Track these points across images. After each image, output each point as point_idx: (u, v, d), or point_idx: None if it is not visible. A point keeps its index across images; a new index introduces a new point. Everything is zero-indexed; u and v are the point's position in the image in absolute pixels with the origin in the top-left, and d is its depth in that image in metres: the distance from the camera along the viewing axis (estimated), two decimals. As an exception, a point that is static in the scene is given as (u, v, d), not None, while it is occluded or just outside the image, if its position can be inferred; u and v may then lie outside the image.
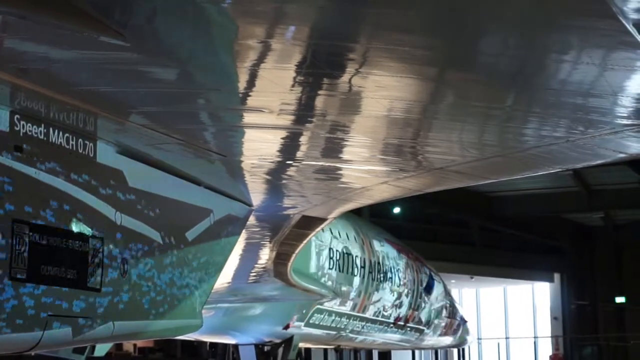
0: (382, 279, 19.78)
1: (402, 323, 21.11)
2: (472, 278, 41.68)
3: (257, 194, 9.93)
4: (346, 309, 18.49)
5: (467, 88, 6.62)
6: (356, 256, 18.51)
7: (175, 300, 8.42)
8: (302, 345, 19.18)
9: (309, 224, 11.33)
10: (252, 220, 10.51)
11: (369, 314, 19.49)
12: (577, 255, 44.32)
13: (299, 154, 8.53)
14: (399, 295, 20.68)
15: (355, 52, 5.89)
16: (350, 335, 19.53)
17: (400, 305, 20.77)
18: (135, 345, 28.48)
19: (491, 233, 41.16)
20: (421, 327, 22.38)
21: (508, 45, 5.76)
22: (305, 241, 12.04)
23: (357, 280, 18.55)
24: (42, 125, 6.57)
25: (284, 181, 9.50)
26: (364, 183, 9.57)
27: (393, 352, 32.14)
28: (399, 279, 20.66)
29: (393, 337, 21.54)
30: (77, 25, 5.36)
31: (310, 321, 17.80)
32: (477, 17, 5.29)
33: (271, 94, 6.64)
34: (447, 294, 24.43)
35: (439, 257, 32.58)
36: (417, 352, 36.86)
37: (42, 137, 6.57)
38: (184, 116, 7.40)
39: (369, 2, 5.20)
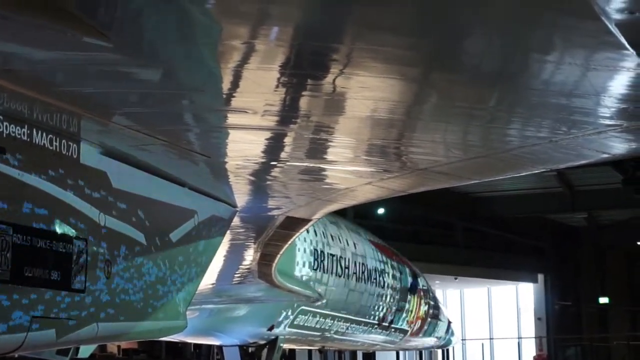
0: (365, 280, 19.78)
1: (386, 324, 21.12)
2: (456, 279, 41.75)
3: (241, 195, 9.93)
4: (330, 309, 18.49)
5: (450, 89, 6.62)
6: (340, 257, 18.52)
7: (159, 301, 8.40)
8: (286, 346, 19.17)
9: (293, 224, 11.32)
10: (236, 221, 10.51)
11: (353, 315, 19.48)
12: (560, 256, 44.45)
13: (283, 155, 8.52)
14: (383, 297, 20.69)
15: (338, 53, 5.89)
16: (335, 336, 19.53)
17: (384, 307, 20.77)
18: (119, 346, 28.41)
19: (475, 234, 41.24)
20: (405, 328, 22.39)
21: (491, 45, 5.77)
22: (289, 242, 12.04)
23: (340, 281, 18.55)
24: (25, 127, 6.55)
25: (268, 182, 9.49)
26: (348, 184, 9.57)
27: (377, 353, 32.12)
28: (383, 280, 20.67)
29: (377, 338, 21.55)
30: (60, 26, 5.34)
31: (295, 322, 17.79)
32: (460, 18, 5.30)
33: (255, 94, 6.64)
34: (432, 294, 24.45)
35: (423, 258, 32.62)
36: (401, 353, 36.88)
37: (25, 138, 6.55)
38: (168, 117, 7.38)
39: (353, 2, 5.21)
